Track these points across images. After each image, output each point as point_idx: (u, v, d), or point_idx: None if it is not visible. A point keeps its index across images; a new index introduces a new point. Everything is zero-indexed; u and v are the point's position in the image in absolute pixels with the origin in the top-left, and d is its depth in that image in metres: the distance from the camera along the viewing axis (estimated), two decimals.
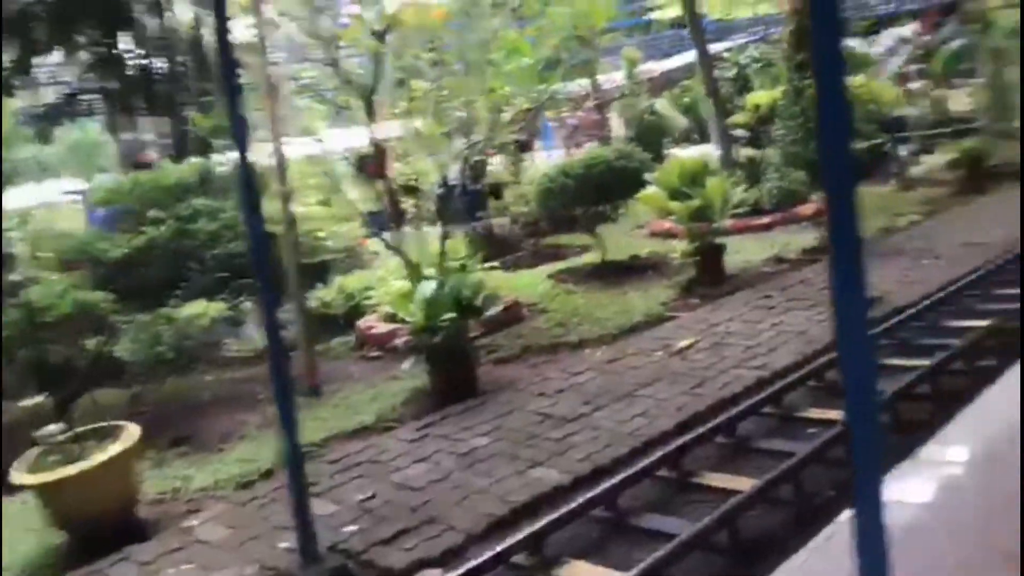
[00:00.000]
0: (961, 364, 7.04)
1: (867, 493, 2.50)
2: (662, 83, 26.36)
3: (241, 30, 9.22)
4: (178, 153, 12.67)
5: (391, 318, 9.27)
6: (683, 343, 8.54)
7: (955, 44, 21.18)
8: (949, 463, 4.57)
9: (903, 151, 16.04)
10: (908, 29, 23.80)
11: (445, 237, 9.29)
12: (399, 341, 8.24)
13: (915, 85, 21.04)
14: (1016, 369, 5.65)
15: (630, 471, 5.79)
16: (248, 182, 5.04)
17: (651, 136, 20.82)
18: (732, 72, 21.62)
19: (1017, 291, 8.64)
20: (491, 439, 6.82)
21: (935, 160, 16.15)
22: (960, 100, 19.33)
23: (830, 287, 2.39)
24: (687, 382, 7.53)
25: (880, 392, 6.24)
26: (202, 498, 6.58)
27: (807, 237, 12.20)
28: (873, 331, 7.66)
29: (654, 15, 27.82)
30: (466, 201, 13.09)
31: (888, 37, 23.22)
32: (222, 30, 4.91)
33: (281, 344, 3.45)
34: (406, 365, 8.10)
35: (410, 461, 6.58)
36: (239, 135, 4.98)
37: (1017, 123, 16.77)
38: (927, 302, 8.56)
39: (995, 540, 3.63)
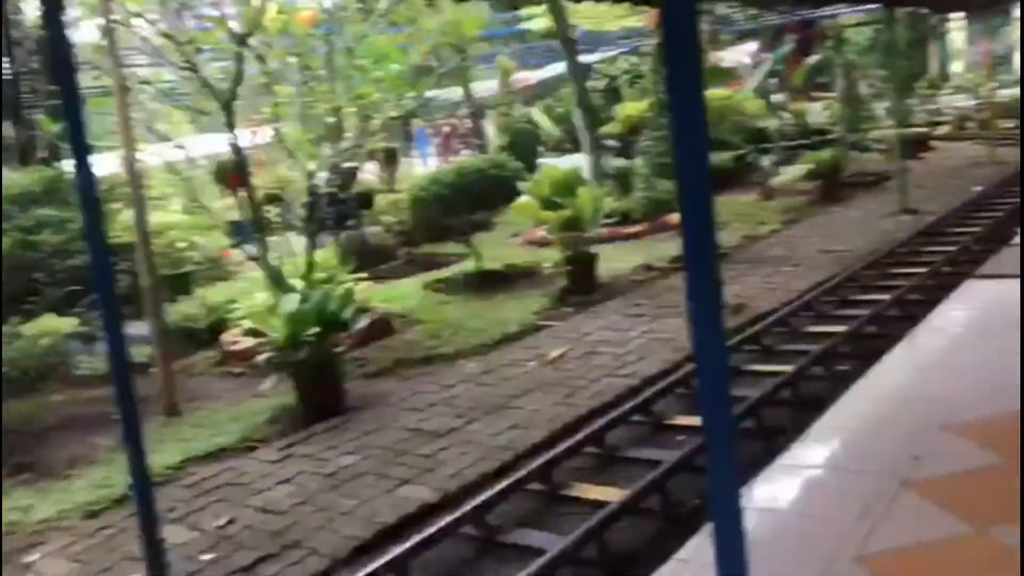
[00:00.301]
0: (821, 369, 7.27)
1: (725, 501, 2.50)
2: (536, 92, 26.58)
3: (92, 31, 8.72)
4: (23, 159, 11.94)
5: (256, 332, 8.91)
6: (555, 353, 8.53)
7: (813, 59, 22.19)
8: (808, 467, 4.68)
9: (765, 161, 16.63)
10: (750, 47, 24.80)
11: (312, 247, 9.02)
12: (263, 357, 7.90)
13: (777, 98, 21.89)
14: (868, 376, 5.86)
15: (500, 486, 5.69)
16: (88, 190, 4.69)
17: (525, 145, 20.92)
18: (603, 83, 21.98)
19: (876, 296, 9.05)
20: (359, 457, 6.61)
21: (795, 170, 16.80)
22: (818, 113, 20.25)
23: (686, 296, 2.38)
24: (559, 392, 7.51)
25: (742, 399, 6.39)
26: (45, 530, 6.11)
27: (675, 246, 12.43)
28: (734, 339, 7.89)
29: (527, 25, 28.03)
30: (336, 210, 12.78)
31: (738, 52, 24.14)
32: (54, 27, 4.56)
33: (125, 359, 3.22)
34: (268, 383, 7.80)
35: (272, 483, 6.30)
36: (77, 140, 4.63)
37: (868, 135, 17.77)
38: (787, 308, 8.83)
39: (849, 543, 3.71)
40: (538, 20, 25.72)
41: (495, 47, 30.85)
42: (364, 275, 10.06)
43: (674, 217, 13.42)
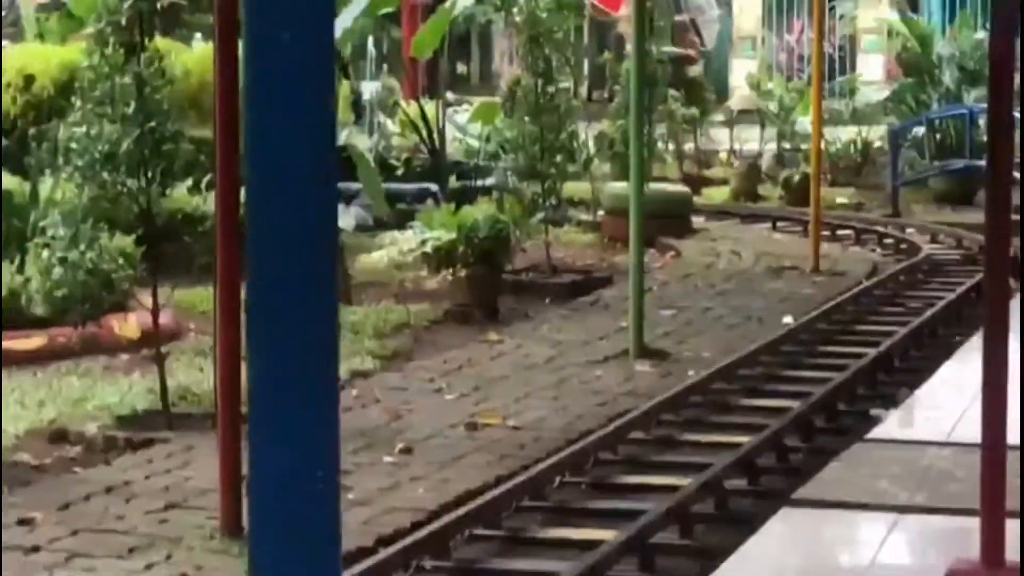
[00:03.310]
0: None
1: None
2: None
3: None
4: None
5: None
6: None
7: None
8: None
9: (341, 221, 11.52)
10: None
11: None
12: None
13: (373, 87, 18.76)
14: None
15: None
16: None
17: None
18: None
19: None
20: None
21: (405, 242, 12.51)
22: (464, 129, 15.98)
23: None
24: None
25: None
26: None
27: (126, 386, 5.20)
28: None
29: None
30: None
31: None
32: None
33: None
34: None
35: None
36: None
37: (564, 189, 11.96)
38: None
39: None
40: None
41: None
42: None
43: (129, 324, 5.96)
